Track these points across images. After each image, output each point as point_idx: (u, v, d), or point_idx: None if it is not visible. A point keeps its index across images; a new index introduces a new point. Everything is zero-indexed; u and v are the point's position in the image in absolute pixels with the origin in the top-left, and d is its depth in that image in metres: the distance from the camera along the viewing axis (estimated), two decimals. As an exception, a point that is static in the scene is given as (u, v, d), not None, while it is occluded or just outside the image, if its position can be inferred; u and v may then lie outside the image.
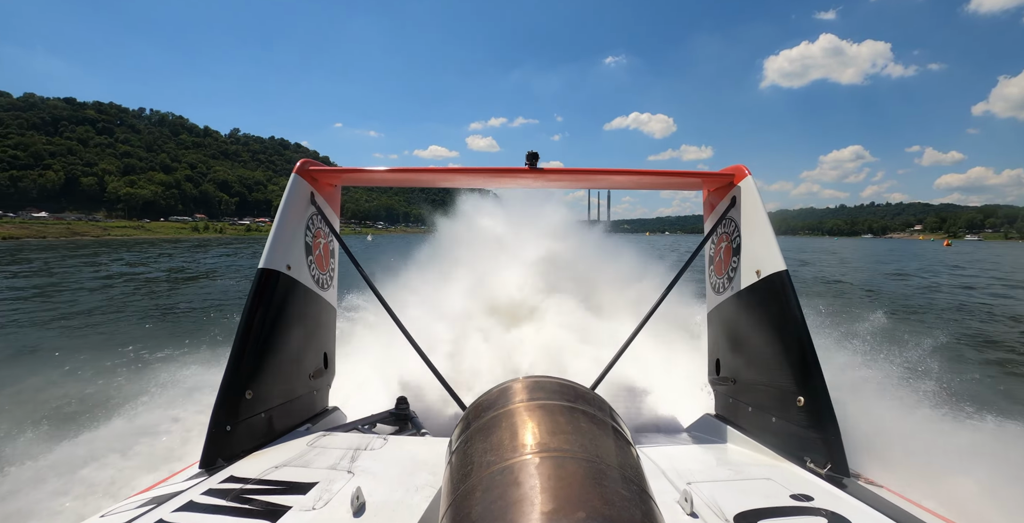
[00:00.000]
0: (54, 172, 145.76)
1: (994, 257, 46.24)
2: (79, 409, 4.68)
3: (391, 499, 1.66)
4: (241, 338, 2.25)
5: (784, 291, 2.20)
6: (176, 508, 1.57)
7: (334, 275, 3.06)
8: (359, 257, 2.88)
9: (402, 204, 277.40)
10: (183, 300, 13.57)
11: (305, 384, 2.70)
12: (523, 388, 1.18)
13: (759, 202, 2.45)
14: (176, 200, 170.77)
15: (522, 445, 0.97)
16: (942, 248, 73.65)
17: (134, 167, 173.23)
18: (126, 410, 4.41)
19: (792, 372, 2.13)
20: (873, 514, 1.58)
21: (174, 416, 4.18)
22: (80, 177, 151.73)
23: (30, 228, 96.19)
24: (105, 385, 5.38)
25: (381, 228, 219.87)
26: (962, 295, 15.65)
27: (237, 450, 2.12)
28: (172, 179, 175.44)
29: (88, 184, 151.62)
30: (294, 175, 2.66)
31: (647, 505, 0.88)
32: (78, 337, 8.73)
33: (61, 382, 5.63)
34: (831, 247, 73.76)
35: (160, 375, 5.21)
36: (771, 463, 2.11)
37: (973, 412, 4.12)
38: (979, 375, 6.19)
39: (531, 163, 2.65)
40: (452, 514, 0.91)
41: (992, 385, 6.00)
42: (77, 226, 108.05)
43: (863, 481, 1.91)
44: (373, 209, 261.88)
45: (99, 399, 4.90)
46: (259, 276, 2.35)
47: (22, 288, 15.64)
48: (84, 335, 8.92)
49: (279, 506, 1.58)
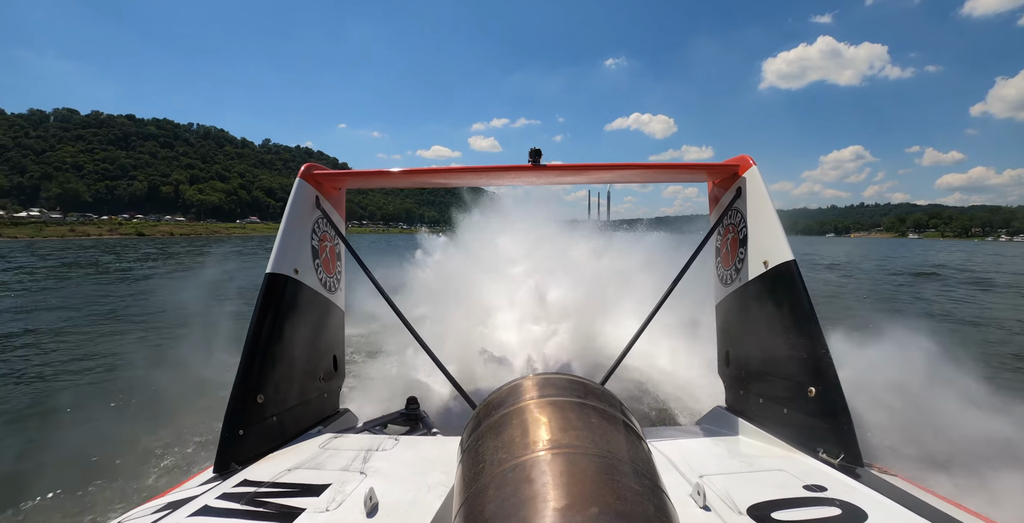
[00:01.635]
0: (139, 182, 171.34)
1: (886, 249, 60.60)
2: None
3: (404, 499, 1.67)
4: (251, 342, 2.24)
5: (792, 281, 2.16)
6: (191, 513, 1.56)
7: (341, 278, 3.06)
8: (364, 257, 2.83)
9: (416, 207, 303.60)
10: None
11: (316, 387, 2.71)
12: (533, 385, 1.17)
13: (765, 192, 2.40)
14: (236, 205, 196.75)
15: (533, 442, 0.97)
16: (857, 241, 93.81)
17: (197, 177, 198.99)
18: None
19: (802, 362, 2.09)
20: (888, 503, 1.56)
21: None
22: (160, 186, 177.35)
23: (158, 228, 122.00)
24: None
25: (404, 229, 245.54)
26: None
27: (250, 454, 2.11)
28: (229, 187, 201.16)
29: (166, 192, 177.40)
30: (299, 180, 2.65)
31: (660, 499, 0.87)
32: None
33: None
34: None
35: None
36: (783, 454, 2.07)
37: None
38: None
39: (534, 160, 2.59)
40: (465, 512, 0.91)
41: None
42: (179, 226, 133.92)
43: (876, 470, 1.87)
44: (396, 212, 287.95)
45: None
46: (267, 280, 2.35)
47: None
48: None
49: (293, 508, 1.58)
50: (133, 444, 4.22)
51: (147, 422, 4.67)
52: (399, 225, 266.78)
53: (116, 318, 10.85)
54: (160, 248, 49.85)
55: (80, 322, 10.26)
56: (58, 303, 12.89)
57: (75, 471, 3.84)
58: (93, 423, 4.89)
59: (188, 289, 13.39)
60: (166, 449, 4.17)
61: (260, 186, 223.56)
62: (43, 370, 6.87)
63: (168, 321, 9.99)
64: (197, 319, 8.49)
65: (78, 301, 13.18)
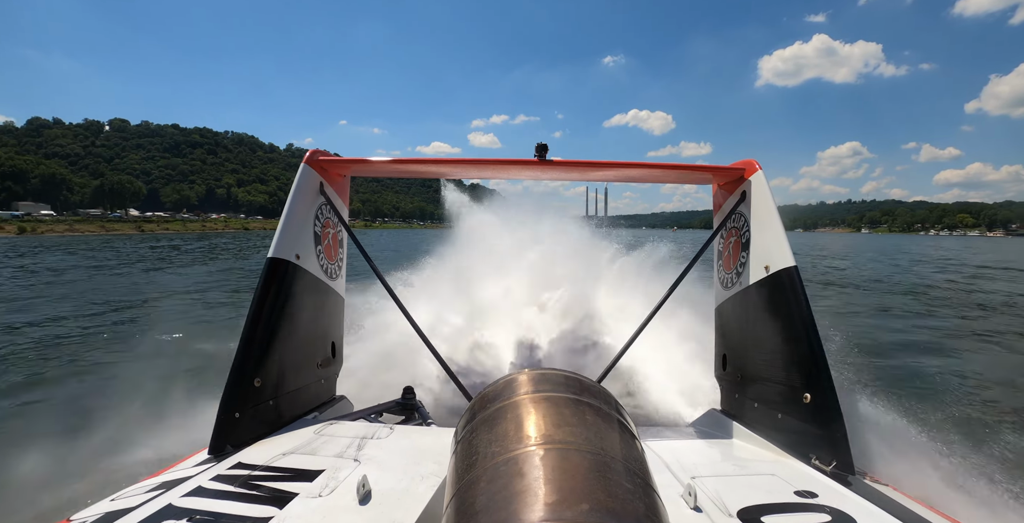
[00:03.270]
0: (199, 185, 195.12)
1: (827, 241, 77.57)
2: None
3: (396, 488, 1.67)
4: (250, 326, 2.24)
5: (793, 287, 2.16)
6: (185, 493, 1.57)
7: (342, 265, 3.03)
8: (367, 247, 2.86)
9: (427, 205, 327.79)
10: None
11: (313, 373, 2.70)
12: (529, 380, 1.18)
13: (770, 197, 2.39)
14: (278, 204, 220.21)
15: (527, 436, 0.97)
16: (816, 235, 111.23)
17: (243, 180, 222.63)
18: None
19: (799, 369, 2.09)
20: (877, 512, 1.55)
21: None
22: (216, 189, 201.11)
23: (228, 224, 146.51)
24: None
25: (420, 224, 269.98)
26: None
27: (245, 437, 2.12)
28: (271, 189, 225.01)
29: (220, 194, 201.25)
30: (303, 165, 2.62)
31: (651, 498, 0.88)
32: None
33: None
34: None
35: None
36: (776, 459, 2.07)
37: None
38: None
39: (540, 155, 2.59)
40: (456, 503, 0.91)
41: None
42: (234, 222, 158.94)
43: (868, 479, 1.87)
44: (412, 210, 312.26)
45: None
46: (268, 265, 2.35)
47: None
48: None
49: (286, 493, 1.58)
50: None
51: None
52: (414, 221, 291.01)
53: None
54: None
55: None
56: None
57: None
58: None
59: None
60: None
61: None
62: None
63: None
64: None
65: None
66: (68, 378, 6.55)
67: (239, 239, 66.98)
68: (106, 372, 6.72)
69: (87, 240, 61.12)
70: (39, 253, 34.02)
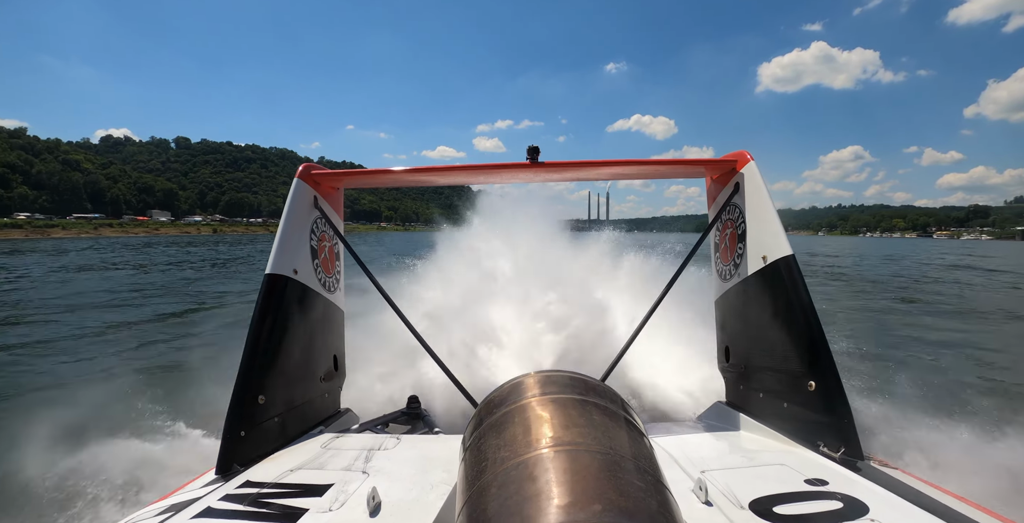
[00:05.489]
0: (261, 196, 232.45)
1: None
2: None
3: (407, 498, 1.65)
4: (251, 343, 2.21)
5: (791, 276, 2.15)
6: (194, 515, 1.55)
7: (340, 277, 3.01)
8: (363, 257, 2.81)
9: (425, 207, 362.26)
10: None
11: (316, 387, 2.68)
12: (534, 383, 1.17)
13: (763, 187, 2.36)
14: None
15: (536, 440, 0.96)
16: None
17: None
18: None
19: (802, 357, 2.08)
20: (888, 496, 1.55)
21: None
22: (276, 199, 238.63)
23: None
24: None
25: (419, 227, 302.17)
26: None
27: (252, 455, 2.09)
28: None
29: (278, 202, 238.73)
30: (297, 180, 2.60)
31: (662, 495, 0.87)
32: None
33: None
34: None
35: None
36: (784, 449, 2.05)
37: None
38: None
39: (532, 157, 2.56)
40: (468, 511, 0.90)
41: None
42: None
43: (877, 463, 1.86)
44: (409, 213, 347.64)
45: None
46: (266, 281, 2.32)
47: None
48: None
49: (296, 509, 1.56)
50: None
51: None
52: (414, 224, 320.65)
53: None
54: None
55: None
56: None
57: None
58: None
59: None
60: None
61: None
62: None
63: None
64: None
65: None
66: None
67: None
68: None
69: (210, 239, 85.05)
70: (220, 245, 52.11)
